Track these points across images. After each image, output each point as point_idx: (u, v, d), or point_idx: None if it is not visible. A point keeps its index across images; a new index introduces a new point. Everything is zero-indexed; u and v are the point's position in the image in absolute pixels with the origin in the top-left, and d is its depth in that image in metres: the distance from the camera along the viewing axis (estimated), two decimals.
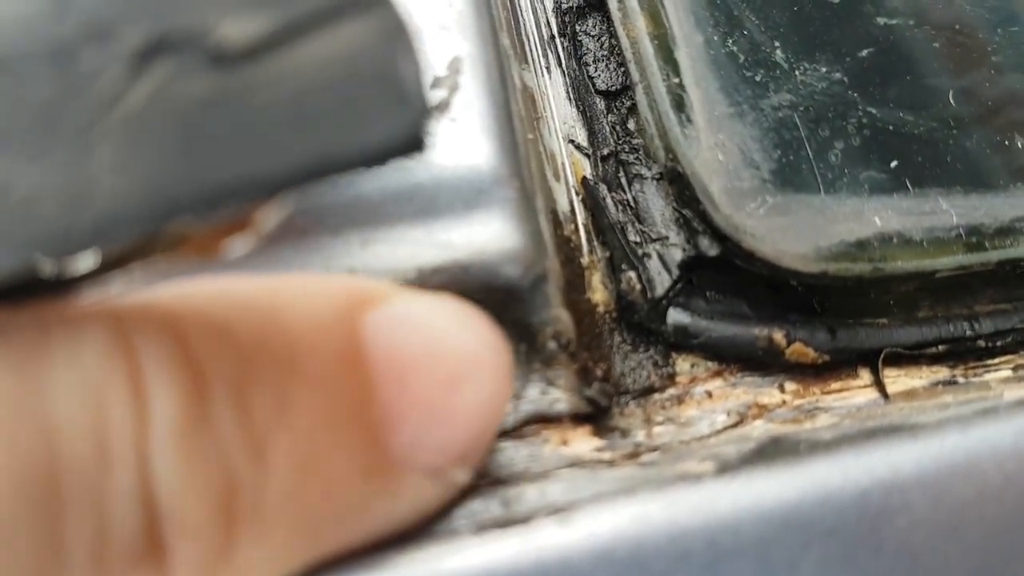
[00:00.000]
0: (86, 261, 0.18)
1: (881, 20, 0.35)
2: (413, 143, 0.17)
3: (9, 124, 0.17)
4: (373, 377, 0.22)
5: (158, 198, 0.17)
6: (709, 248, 0.31)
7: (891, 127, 0.33)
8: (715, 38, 0.33)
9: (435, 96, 0.28)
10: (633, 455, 0.29)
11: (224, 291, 0.22)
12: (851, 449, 0.26)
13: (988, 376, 0.33)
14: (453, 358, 0.23)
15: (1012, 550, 0.26)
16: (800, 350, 0.31)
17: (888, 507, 0.25)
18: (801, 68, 0.34)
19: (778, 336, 0.31)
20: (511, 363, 0.25)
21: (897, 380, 0.33)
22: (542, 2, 0.36)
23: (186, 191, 0.17)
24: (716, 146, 0.31)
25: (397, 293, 0.24)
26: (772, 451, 0.27)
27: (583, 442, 0.29)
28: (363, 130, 0.17)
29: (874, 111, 0.33)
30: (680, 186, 0.31)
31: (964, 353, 0.33)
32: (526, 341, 0.29)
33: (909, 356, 0.33)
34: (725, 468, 0.26)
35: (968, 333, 0.33)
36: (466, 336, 0.24)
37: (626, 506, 0.24)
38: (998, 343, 0.33)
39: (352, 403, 0.22)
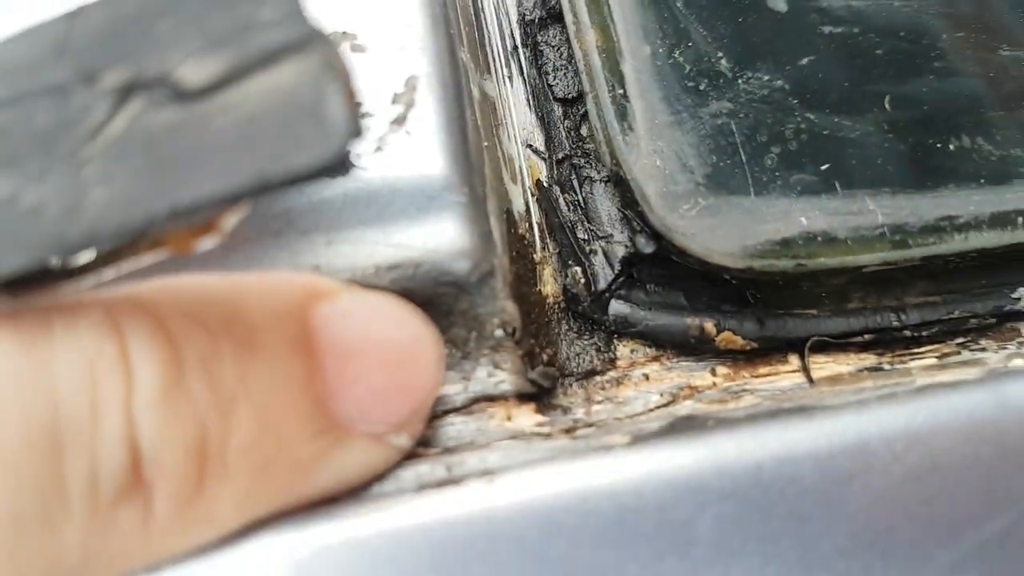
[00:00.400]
0: (85, 256, 0.25)
1: (827, 29, 0.40)
2: (338, 165, 0.23)
3: (18, 149, 0.24)
4: (320, 357, 0.28)
5: (135, 208, 0.23)
6: (645, 246, 0.36)
7: (827, 132, 0.38)
8: (661, 50, 0.38)
9: (392, 111, 0.34)
10: (570, 429, 0.35)
11: (197, 285, 0.28)
12: (752, 426, 0.32)
13: (913, 364, 0.38)
14: (390, 345, 0.29)
15: (893, 518, 0.31)
16: (729, 338, 0.36)
17: (779, 477, 0.31)
18: (744, 77, 0.39)
19: (709, 325, 0.36)
20: (441, 352, 0.31)
21: (825, 366, 0.38)
22: (507, 14, 0.42)
23: (157, 202, 0.23)
24: (655, 152, 0.36)
25: (346, 290, 0.30)
26: (683, 426, 0.32)
27: (526, 418, 0.35)
28: (296, 153, 0.23)
29: (812, 117, 0.38)
30: (623, 189, 0.37)
31: (892, 342, 0.38)
32: (475, 330, 0.35)
33: (838, 344, 0.38)
34: (637, 440, 0.31)
35: (895, 323, 0.38)
36: (403, 328, 0.30)
37: (546, 470, 0.30)
38: (924, 333, 0.38)
39: (302, 377, 0.28)
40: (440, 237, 0.33)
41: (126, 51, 0.24)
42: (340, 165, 0.23)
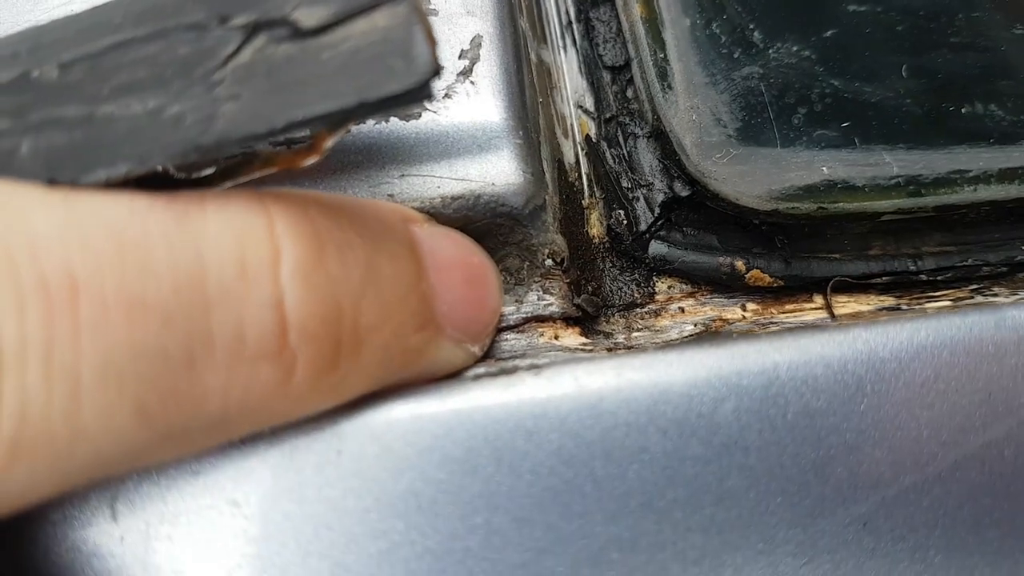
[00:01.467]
0: (206, 170, 0.31)
1: (851, 7, 0.46)
2: (424, 93, 0.29)
3: (163, 73, 0.30)
4: (423, 263, 0.34)
5: (258, 120, 0.29)
6: (682, 190, 0.42)
7: (848, 95, 0.44)
8: (699, 21, 0.45)
9: (459, 64, 0.40)
10: (611, 349, 0.40)
11: (325, 195, 0.34)
12: (771, 337, 0.37)
13: (929, 305, 0.43)
14: (469, 265, 0.36)
15: (899, 419, 0.36)
16: (757, 275, 0.42)
17: (794, 377, 0.36)
18: (774, 47, 0.45)
19: (739, 263, 0.42)
20: (500, 280, 0.38)
21: (847, 305, 0.43)
22: None
23: (277, 116, 0.29)
24: (691, 109, 0.43)
25: (427, 219, 0.37)
26: (709, 338, 0.38)
27: (572, 338, 0.41)
28: (388, 81, 0.29)
29: (835, 82, 0.44)
30: (662, 142, 0.43)
31: (909, 285, 0.44)
32: (528, 259, 0.41)
33: (859, 286, 0.43)
34: (667, 344, 0.37)
35: (911, 268, 0.43)
36: (475, 254, 0.37)
37: (585, 366, 0.36)
38: (939, 278, 0.43)
39: (413, 275, 0.33)
40: (498, 173, 0.39)
41: (251, 1, 0.31)
42: (424, 93, 0.29)
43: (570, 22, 0.48)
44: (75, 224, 0.26)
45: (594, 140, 0.45)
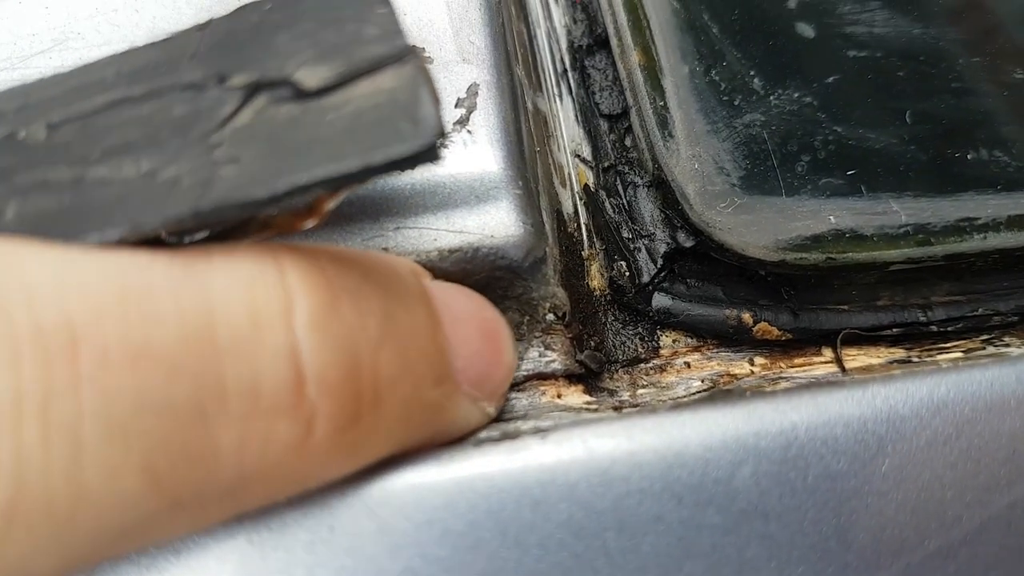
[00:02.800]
0: (200, 235, 0.28)
1: (851, 53, 0.44)
2: (430, 154, 0.27)
3: (158, 134, 0.28)
4: (438, 316, 0.31)
5: (259, 184, 0.26)
6: (686, 240, 0.40)
7: (852, 142, 0.42)
8: (698, 68, 0.43)
9: (455, 113, 0.38)
10: (617, 408, 0.38)
11: (335, 248, 0.31)
12: (787, 395, 0.35)
13: (940, 357, 0.41)
14: (483, 319, 0.33)
15: (922, 480, 0.34)
16: (765, 328, 0.40)
17: (814, 438, 0.33)
18: (775, 94, 0.43)
19: (746, 316, 0.40)
20: (513, 337, 0.35)
21: (857, 358, 0.41)
22: (558, 41, 0.46)
23: (279, 180, 0.26)
24: (694, 157, 0.40)
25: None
26: (721, 396, 0.35)
27: (575, 397, 0.38)
28: (395, 144, 0.27)
29: (838, 129, 0.42)
30: (664, 191, 0.41)
31: (920, 337, 0.41)
32: (528, 314, 0.38)
33: (869, 338, 0.41)
34: (679, 405, 0.34)
35: (921, 319, 0.41)
36: (488, 309, 0.34)
37: (593, 429, 0.33)
38: (950, 328, 0.41)
39: (430, 326, 0.31)
40: (497, 225, 0.37)
41: (250, 58, 0.29)
42: (430, 156, 0.26)
43: (565, 70, 0.46)
44: (73, 274, 0.23)
45: (592, 190, 0.43)
